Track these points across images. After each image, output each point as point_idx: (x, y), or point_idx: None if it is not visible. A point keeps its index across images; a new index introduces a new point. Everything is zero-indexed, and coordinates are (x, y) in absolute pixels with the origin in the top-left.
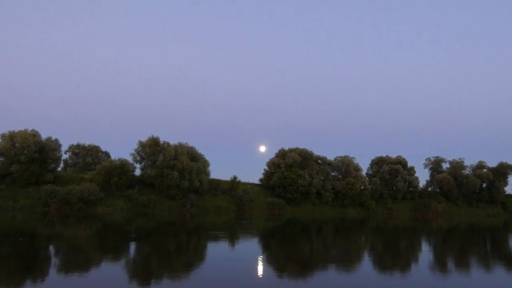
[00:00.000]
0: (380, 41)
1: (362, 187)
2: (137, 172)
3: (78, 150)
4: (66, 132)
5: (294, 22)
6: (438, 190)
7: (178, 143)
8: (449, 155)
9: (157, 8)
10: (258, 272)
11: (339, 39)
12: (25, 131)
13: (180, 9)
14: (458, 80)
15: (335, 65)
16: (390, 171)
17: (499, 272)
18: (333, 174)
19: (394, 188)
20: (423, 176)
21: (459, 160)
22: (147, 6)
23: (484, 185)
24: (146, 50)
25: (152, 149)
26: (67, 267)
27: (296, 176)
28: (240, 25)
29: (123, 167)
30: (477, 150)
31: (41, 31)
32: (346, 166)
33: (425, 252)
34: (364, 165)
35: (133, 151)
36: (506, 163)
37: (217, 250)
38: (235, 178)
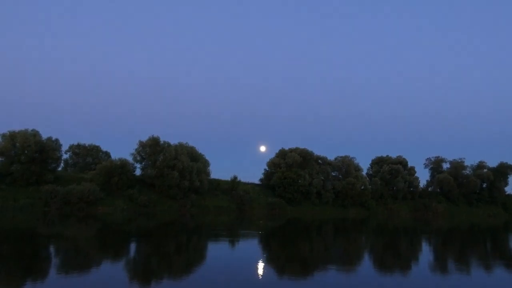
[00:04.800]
0: (380, 41)
1: (362, 187)
2: (138, 172)
3: (79, 150)
4: (67, 132)
5: (295, 23)
6: (438, 190)
7: (179, 143)
8: (450, 155)
9: (158, 9)
10: (259, 272)
11: (339, 39)
12: (26, 131)
13: (181, 9)
14: (458, 80)
15: (335, 66)
16: (391, 171)
17: (499, 272)
18: (334, 174)
19: (395, 188)
20: (423, 176)
21: (459, 160)
22: (148, 7)
23: (484, 185)
24: (147, 50)
25: (152, 149)
26: (67, 267)
27: (296, 176)
28: (241, 25)
29: (123, 167)
30: (477, 150)
31: (42, 31)
32: (346, 166)
33: (425, 252)
34: (365, 165)
35: (133, 151)
36: (506, 163)
37: (217, 250)
38: (235, 178)
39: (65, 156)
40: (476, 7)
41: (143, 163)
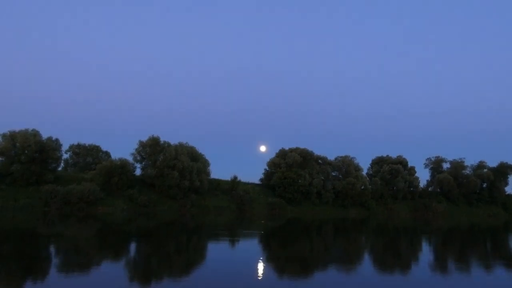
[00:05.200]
0: (380, 41)
1: (362, 187)
2: (138, 172)
3: (79, 150)
4: (67, 131)
5: (295, 22)
6: (438, 190)
7: (179, 143)
8: (450, 155)
9: (157, 8)
10: (259, 272)
11: (340, 39)
12: (26, 131)
13: (180, 9)
14: (459, 80)
15: (335, 65)
16: (391, 171)
17: (499, 272)
18: (334, 174)
19: (395, 188)
20: (423, 176)
21: (459, 160)
22: (146, 6)
23: (484, 185)
24: (147, 50)
25: (152, 149)
26: (67, 267)
27: (296, 176)
28: (241, 25)
29: (123, 167)
30: (477, 150)
31: (42, 31)
32: (346, 166)
33: (425, 252)
34: (365, 165)
35: (133, 151)
36: (506, 163)
37: (218, 250)
38: (235, 178)
39: (65, 156)
40: (478, 5)
41: (143, 163)
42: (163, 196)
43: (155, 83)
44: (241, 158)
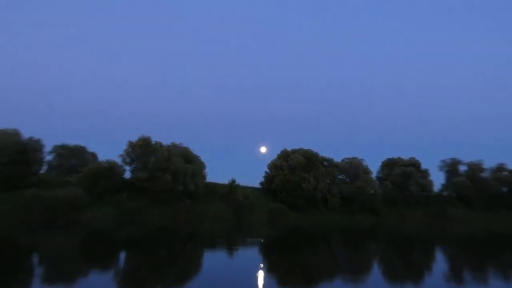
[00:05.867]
0: (390, 38)
1: (372, 192)
2: (127, 175)
3: (63, 151)
4: (49, 131)
5: (296, 22)
6: (454, 194)
7: (171, 143)
8: (466, 156)
9: (152, 7)
10: (259, 284)
11: (345, 38)
12: (4, 130)
13: (178, 8)
14: (474, 78)
15: (343, 61)
16: (403, 174)
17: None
18: (341, 177)
19: (407, 192)
20: (438, 180)
21: (477, 162)
22: (137, 6)
23: (504, 189)
24: (144, 48)
25: (143, 149)
26: (51, 279)
27: (300, 180)
28: (240, 24)
29: (111, 169)
30: (495, 152)
31: (34, 31)
32: (354, 169)
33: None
34: (374, 168)
35: (122, 152)
36: None
37: (214, 260)
38: (233, 181)
39: (48, 158)
40: (491, 5)
41: (133, 166)
42: (154, 201)
43: (146, 82)
44: (239, 160)
